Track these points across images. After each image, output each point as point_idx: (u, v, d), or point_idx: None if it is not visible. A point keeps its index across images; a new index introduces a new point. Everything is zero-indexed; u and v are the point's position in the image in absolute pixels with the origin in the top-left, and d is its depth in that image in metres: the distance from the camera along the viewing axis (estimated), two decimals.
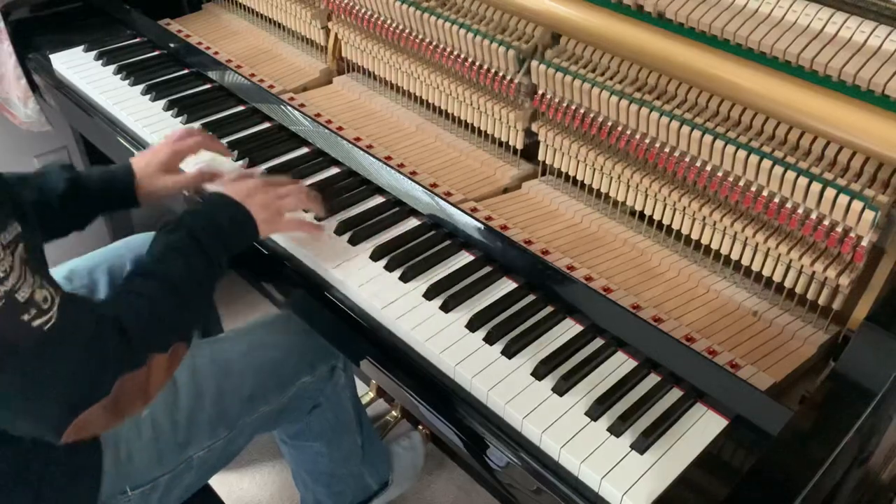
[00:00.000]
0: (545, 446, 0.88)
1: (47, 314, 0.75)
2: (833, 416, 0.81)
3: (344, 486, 1.47)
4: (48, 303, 0.76)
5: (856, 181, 0.91)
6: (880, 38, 0.89)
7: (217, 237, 1.00)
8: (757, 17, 0.96)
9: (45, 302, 0.76)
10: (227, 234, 1.02)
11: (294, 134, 1.39)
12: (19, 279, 0.73)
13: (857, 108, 0.87)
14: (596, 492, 0.84)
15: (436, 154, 1.34)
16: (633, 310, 1.01)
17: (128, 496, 1.04)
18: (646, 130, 1.07)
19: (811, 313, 1.02)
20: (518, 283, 1.08)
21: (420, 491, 1.71)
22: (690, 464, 0.85)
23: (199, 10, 1.84)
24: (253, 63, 1.59)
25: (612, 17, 1.05)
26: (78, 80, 1.57)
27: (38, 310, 0.75)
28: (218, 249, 0.99)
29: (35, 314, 0.75)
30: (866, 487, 0.99)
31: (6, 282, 0.72)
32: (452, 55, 1.27)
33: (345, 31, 1.47)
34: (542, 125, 1.21)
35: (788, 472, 0.75)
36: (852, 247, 0.93)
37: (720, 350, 0.96)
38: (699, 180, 1.04)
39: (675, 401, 0.92)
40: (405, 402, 1.02)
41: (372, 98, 1.48)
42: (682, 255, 1.12)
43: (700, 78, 0.99)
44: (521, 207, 1.21)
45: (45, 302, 0.76)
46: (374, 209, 1.22)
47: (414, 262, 1.10)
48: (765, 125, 0.98)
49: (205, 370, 1.12)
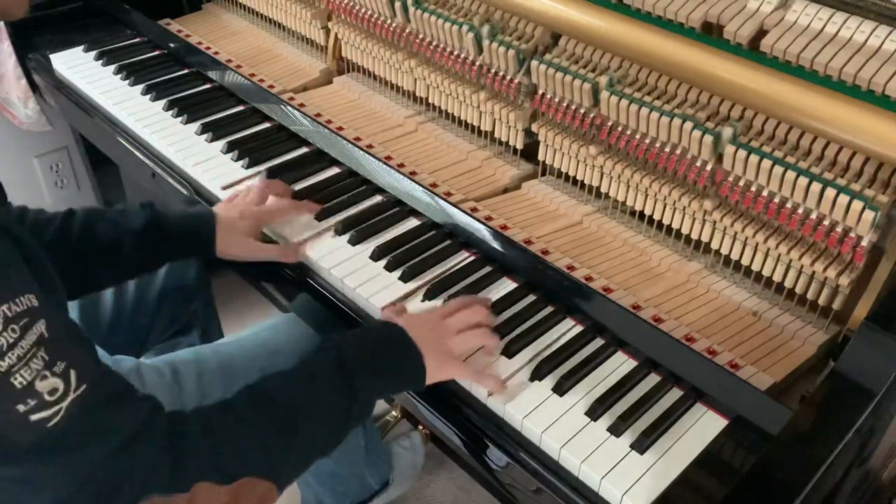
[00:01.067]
0: (545, 446, 0.88)
1: (50, 409, 0.63)
2: (833, 416, 0.81)
3: (346, 486, 1.47)
4: (57, 395, 0.64)
5: (856, 181, 0.91)
6: (880, 38, 0.89)
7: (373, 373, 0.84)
8: (757, 17, 0.96)
9: (53, 394, 0.63)
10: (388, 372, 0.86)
11: (294, 134, 1.39)
12: (20, 360, 0.62)
13: (857, 108, 0.87)
14: (596, 492, 0.84)
15: (436, 154, 1.34)
16: (633, 310, 1.01)
17: None
18: (646, 130, 1.07)
19: (811, 313, 1.02)
20: (518, 283, 1.08)
21: (420, 491, 1.71)
22: (690, 464, 0.85)
23: (199, 10, 1.84)
24: (253, 63, 1.59)
25: (612, 17, 1.06)
26: (78, 80, 1.57)
27: (38, 402, 0.63)
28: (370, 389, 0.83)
29: (34, 406, 0.63)
30: (866, 487, 0.99)
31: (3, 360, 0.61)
32: (452, 55, 1.27)
33: (345, 30, 1.47)
34: (542, 125, 1.21)
35: (788, 472, 0.75)
36: (852, 247, 0.93)
37: (720, 350, 0.96)
38: (699, 180, 1.04)
39: (675, 401, 0.92)
40: (405, 402, 1.02)
41: (372, 98, 1.48)
42: (682, 255, 1.12)
43: (700, 78, 0.99)
44: (521, 207, 1.21)
45: (53, 394, 0.63)
46: (374, 209, 1.22)
47: (414, 262, 1.10)
48: (765, 125, 0.98)
49: (210, 376, 1.12)
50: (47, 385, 0.63)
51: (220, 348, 1.19)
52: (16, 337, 0.61)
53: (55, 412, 0.63)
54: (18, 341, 0.61)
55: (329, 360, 0.82)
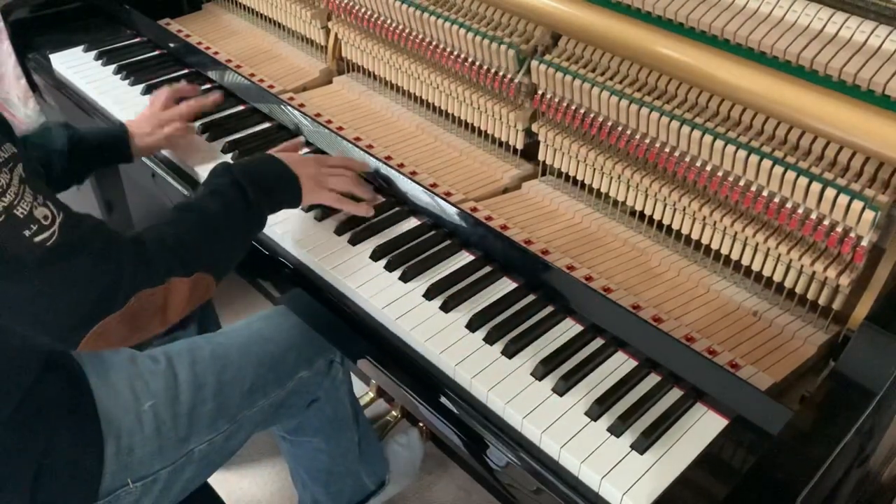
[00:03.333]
0: (545, 446, 0.88)
1: (48, 231, 0.79)
2: (833, 416, 0.81)
3: (341, 485, 1.47)
4: (49, 220, 0.80)
5: (856, 181, 0.91)
6: (880, 38, 0.89)
7: (260, 188, 1.04)
8: (757, 16, 0.96)
9: (46, 219, 0.79)
10: (271, 187, 1.06)
11: (294, 134, 1.39)
12: (17, 195, 0.77)
13: (857, 108, 0.87)
14: (596, 492, 0.84)
15: (436, 154, 1.34)
16: (633, 310, 1.01)
17: (129, 489, 1.04)
18: (646, 130, 1.07)
19: (811, 313, 1.02)
20: (518, 283, 1.08)
21: (420, 491, 1.71)
22: (690, 464, 0.85)
23: (199, 10, 1.84)
24: (253, 63, 1.59)
25: (612, 17, 1.05)
26: (78, 80, 1.56)
27: (38, 226, 0.79)
28: (260, 199, 1.03)
29: (36, 230, 0.79)
30: (866, 487, 0.99)
31: (4, 197, 0.76)
32: (452, 55, 1.27)
33: (345, 30, 1.47)
34: (542, 125, 1.21)
35: (788, 472, 0.75)
36: (852, 247, 0.93)
37: (720, 350, 0.96)
38: (699, 180, 1.04)
39: (675, 401, 0.92)
40: (405, 401, 1.02)
41: (372, 98, 1.48)
42: (682, 255, 1.12)
43: (700, 78, 0.99)
44: (521, 207, 1.21)
45: (46, 219, 0.79)
46: (374, 209, 1.22)
47: (414, 262, 1.10)
48: (765, 125, 0.98)
49: (204, 363, 1.13)
50: (40, 213, 0.79)
51: (214, 338, 1.20)
52: (8, 179, 0.77)
53: (51, 233, 0.80)
54: (10, 181, 0.77)
55: (226, 180, 1.03)
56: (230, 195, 1.01)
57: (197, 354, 1.14)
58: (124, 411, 1.05)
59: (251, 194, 1.02)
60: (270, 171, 1.09)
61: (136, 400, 1.06)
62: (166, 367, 1.11)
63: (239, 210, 1.01)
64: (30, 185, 0.79)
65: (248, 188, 1.02)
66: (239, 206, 1.01)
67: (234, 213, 1.00)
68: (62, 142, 1.19)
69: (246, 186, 1.02)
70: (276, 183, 1.08)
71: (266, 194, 1.05)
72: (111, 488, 1.03)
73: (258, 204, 1.03)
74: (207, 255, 0.96)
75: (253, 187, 1.03)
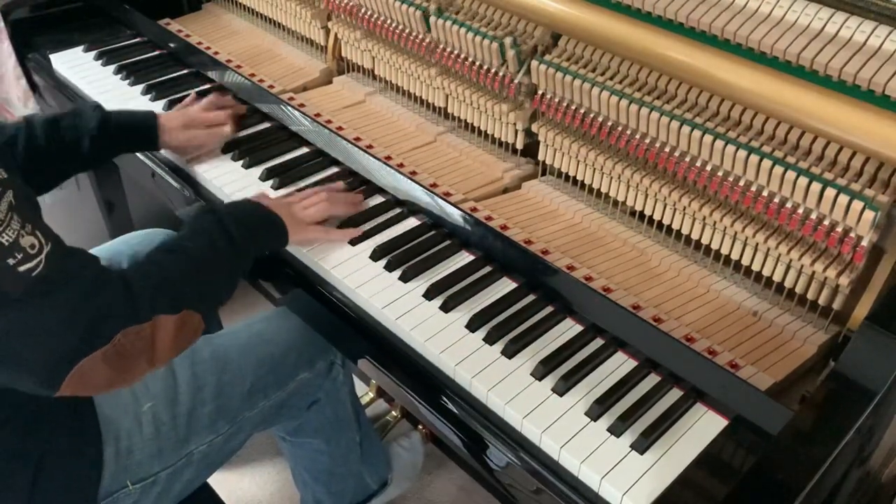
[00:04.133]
0: (545, 446, 0.88)
1: (34, 260, 0.77)
2: (833, 416, 0.81)
3: (343, 485, 1.47)
4: (36, 249, 0.77)
5: (856, 181, 0.91)
6: (880, 38, 0.89)
7: (245, 227, 1.04)
8: (757, 16, 0.96)
9: (33, 248, 0.77)
10: (257, 228, 1.07)
11: (294, 134, 1.39)
12: (2, 223, 0.75)
13: (857, 108, 0.87)
14: (596, 492, 0.84)
15: (436, 154, 1.34)
16: (633, 310, 1.01)
17: (128, 490, 1.04)
18: (646, 130, 1.07)
19: (811, 313, 1.02)
20: (518, 283, 1.08)
21: (420, 491, 1.71)
22: (690, 464, 0.85)
23: (199, 10, 1.84)
24: (253, 63, 1.59)
25: (612, 17, 1.05)
26: (78, 80, 1.56)
27: (24, 255, 0.76)
28: (246, 239, 1.03)
29: (21, 259, 0.76)
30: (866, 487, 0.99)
31: None
32: (453, 55, 1.27)
33: (345, 31, 1.47)
34: (542, 125, 1.21)
35: (788, 472, 0.75)
36: (852, 247, 0.93)
37: (720, 350, 0.96)
38: (699, 180, 1.04)
39: (675, 401, 0.92)
40: (405, 401, 1.02)
41: (372, 98, 1.48)
42: (682, 255, 1.12)
43: (700, 78, 0.99)
44: (521, 207, 1.21)
45: (33, 248, 0.77)
46: (374, 209, 1.22)
47: (414, 262, 1.10)
48: (765, 125, 0.98)
49: (204, 364, 1.13)
50: (27, 242, 0.77)
51: (214, 339, 1.20)
52: None
53: (37, 263, 0.77)
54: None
55: (212, 219, 1.02)
56: (214, 233, 1.01)
57: (197, 355, 1.13)
58: (123, 413, 1.05)
59: (235, 232, 1.02)
60: (253, 212, 1.09)
61: (135, 401, 1.06)
62: (166, 369, 1.11)
63: (224, 248, 1.00)
64: (18, 212, 0.77)
65: (232, 226, 1.02)
66: (223, 243, 1.00)
67: (219, 250, 1.00)
68: (94, 123, 1.21)
69: (229, 225, 1.02)
70: (260, 223, 1.08)
71: (251, 232, 1.04)
72: (110, 490, 1.02)
73: (243, 241, 1.02)
74: (194, 292, 0.95)
75: (236, 225, 1.02)
